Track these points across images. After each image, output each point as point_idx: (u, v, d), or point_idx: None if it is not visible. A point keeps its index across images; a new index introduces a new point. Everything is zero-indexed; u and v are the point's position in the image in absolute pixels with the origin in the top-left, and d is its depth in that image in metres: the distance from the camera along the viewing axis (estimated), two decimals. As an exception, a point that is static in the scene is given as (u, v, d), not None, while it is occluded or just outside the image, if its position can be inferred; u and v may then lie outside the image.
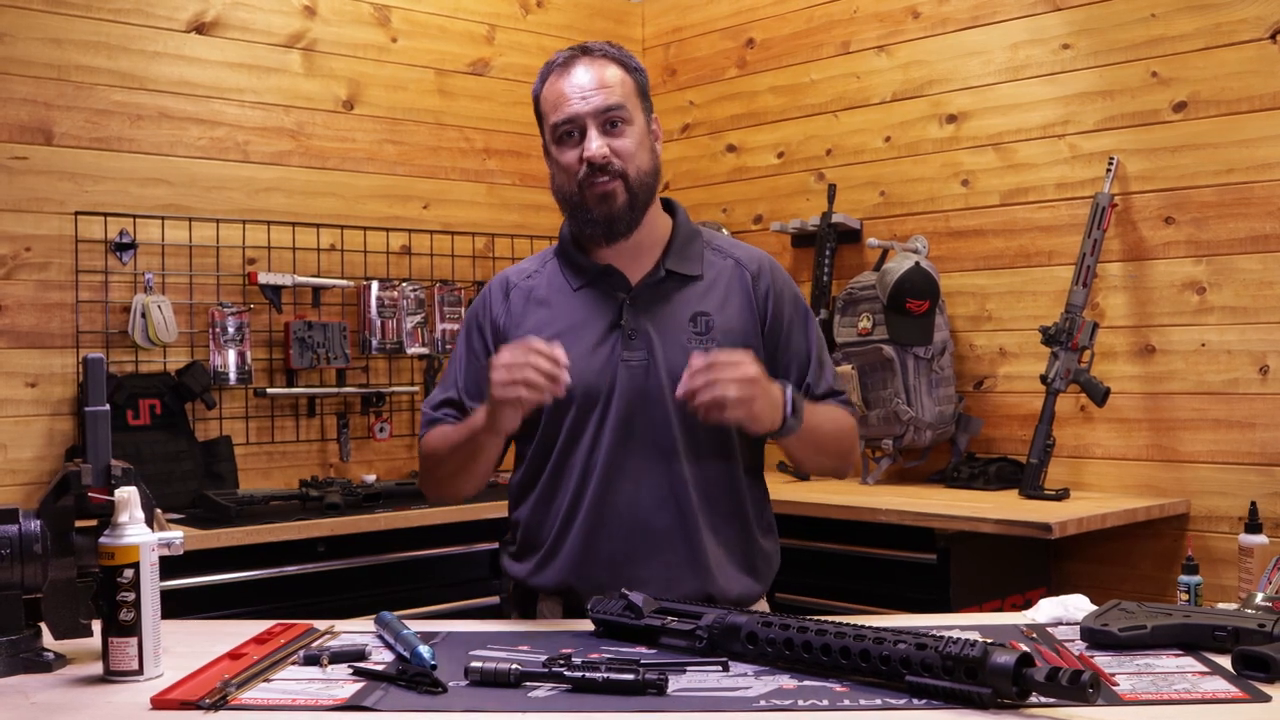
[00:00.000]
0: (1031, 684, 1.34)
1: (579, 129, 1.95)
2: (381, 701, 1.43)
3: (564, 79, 1.97)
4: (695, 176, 4.61)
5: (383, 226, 4.03)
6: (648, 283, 2.00)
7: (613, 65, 1.99)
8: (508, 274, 2.11)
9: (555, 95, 1.97)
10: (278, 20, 3.84)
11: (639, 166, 1.97)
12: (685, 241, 2.05)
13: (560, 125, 1.96)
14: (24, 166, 3.34)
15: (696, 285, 2.02)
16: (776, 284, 2.07)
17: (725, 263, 2.06)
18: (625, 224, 1.97)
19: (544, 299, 2.04)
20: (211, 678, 1.50)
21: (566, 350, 1.94)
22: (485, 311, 2.07)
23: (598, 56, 1.99)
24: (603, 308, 2.00)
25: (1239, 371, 3.26)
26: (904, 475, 3.84)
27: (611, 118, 1.95)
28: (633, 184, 1.96)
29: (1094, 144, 3.52)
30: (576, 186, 1.96)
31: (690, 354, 1.85)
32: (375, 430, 3.97)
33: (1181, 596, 2.67)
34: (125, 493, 1.56)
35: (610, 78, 1.97)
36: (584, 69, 1.97)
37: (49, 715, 1.43)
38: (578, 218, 2.00)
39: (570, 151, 1.96)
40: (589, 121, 1.94)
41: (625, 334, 1.96)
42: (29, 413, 3.33)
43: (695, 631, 1.63)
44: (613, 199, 1.95)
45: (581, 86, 1.95)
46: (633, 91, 1.99)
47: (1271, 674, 1.45)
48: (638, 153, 1.97)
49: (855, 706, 1.39)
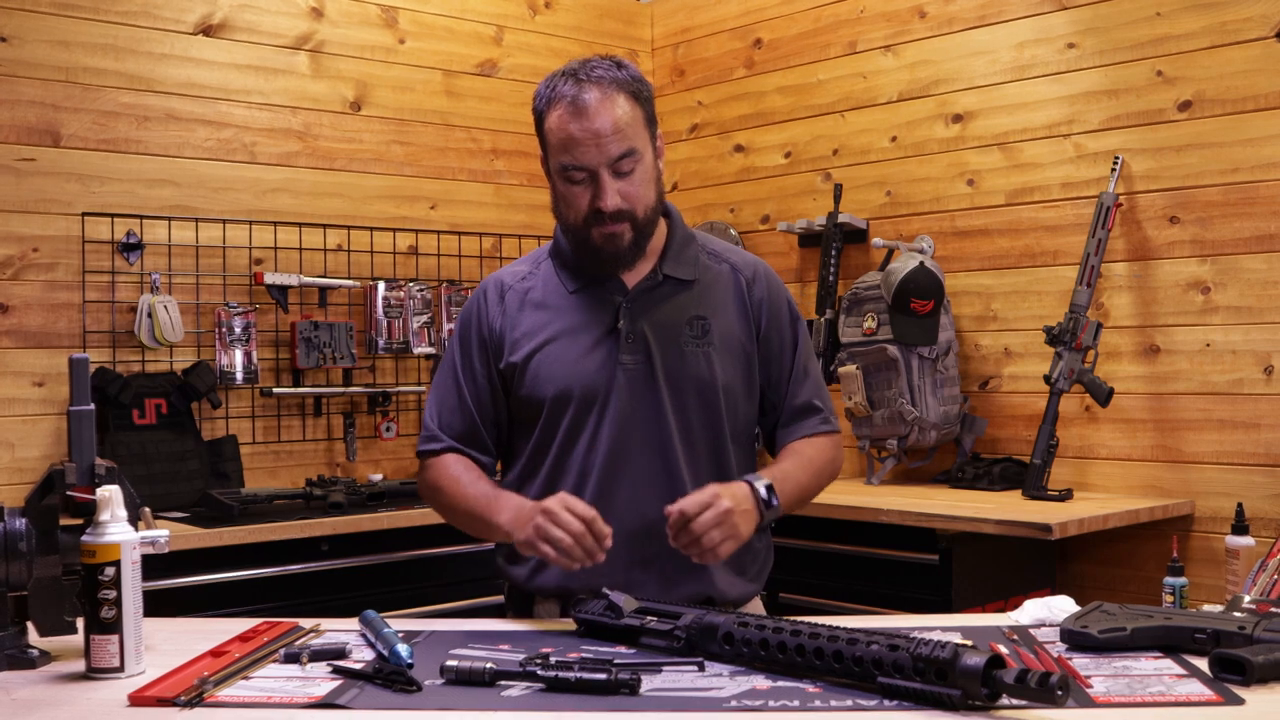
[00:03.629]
0: (1001, 686, 1.33)
1: (591, 174, 1.91)
2: (356, 700, 1.44)
3: (576, 120, 1.88)
4: (703, 176, 4.61)
5: (389, 227, 4.05)
6: (644, 287, 2.00)
7: (623, 97, 1.91)
8: (501, 276, 2.10)
9: (565, 136, 1.90)
10: (285, 22, 3.86)
11: (646, 205, 1.95)
12: (681, 246, 2.05)
13: (571, 169, 1.91)
14: (31, 168, 3.38)
15: (692, 289, 2.03)
16: (770, 291, 2.07)
17: (721, 268, 2.07)
18: (629, 259, 1.98)
19: (540, 301, 2.03)
20: (190, 675, 1.51)
21: (565, 353, 1.96)
22: (481, 318, 2.05)
23: (608, 88, 1.89)
24: (600, 311, 2.00)
25: (1244, 372, 3.24)
26: (908, 475, 3.83)
27: (624, 166, 1.91)
28: (640, 223, 1.95)
29: (1099, 143, 3.51)
30: (583, 223, 1.94)
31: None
32: (381, 430, 3.99)
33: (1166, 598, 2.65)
34: (107, 491, 1.58)
35: (622, 118, 1.89)
36: (595, 106, 1.88)
37: (29, 711, 1.44)
38: (581, 250, 1.98)
39: (579, 193, 1.92)
40: (602, 170, 1.90)
41: (623, 337, 1.97)
42: (36, 412, 3.36)
43: (674, 631, 1.63)
44: (620, 239, 1.94)
45: (596, 132, 1.87)
46: (641, 123, 1.93)
47: (1248, 677, 1.44)
48: (645, 191, 1.94)
49: (826, 707, 1.39)
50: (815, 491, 2.06)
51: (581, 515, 1.78)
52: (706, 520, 1.80)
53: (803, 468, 2.01)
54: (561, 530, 1.77)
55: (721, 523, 1.80)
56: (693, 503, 1.81)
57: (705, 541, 1.80)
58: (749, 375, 2.03)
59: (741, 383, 2.01)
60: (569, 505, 1.80)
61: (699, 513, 1.80)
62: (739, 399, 2.00)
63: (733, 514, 1.82)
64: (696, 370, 1.96)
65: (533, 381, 1.98)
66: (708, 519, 1.80)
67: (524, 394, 1.99)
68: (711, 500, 1.81)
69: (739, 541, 1.84)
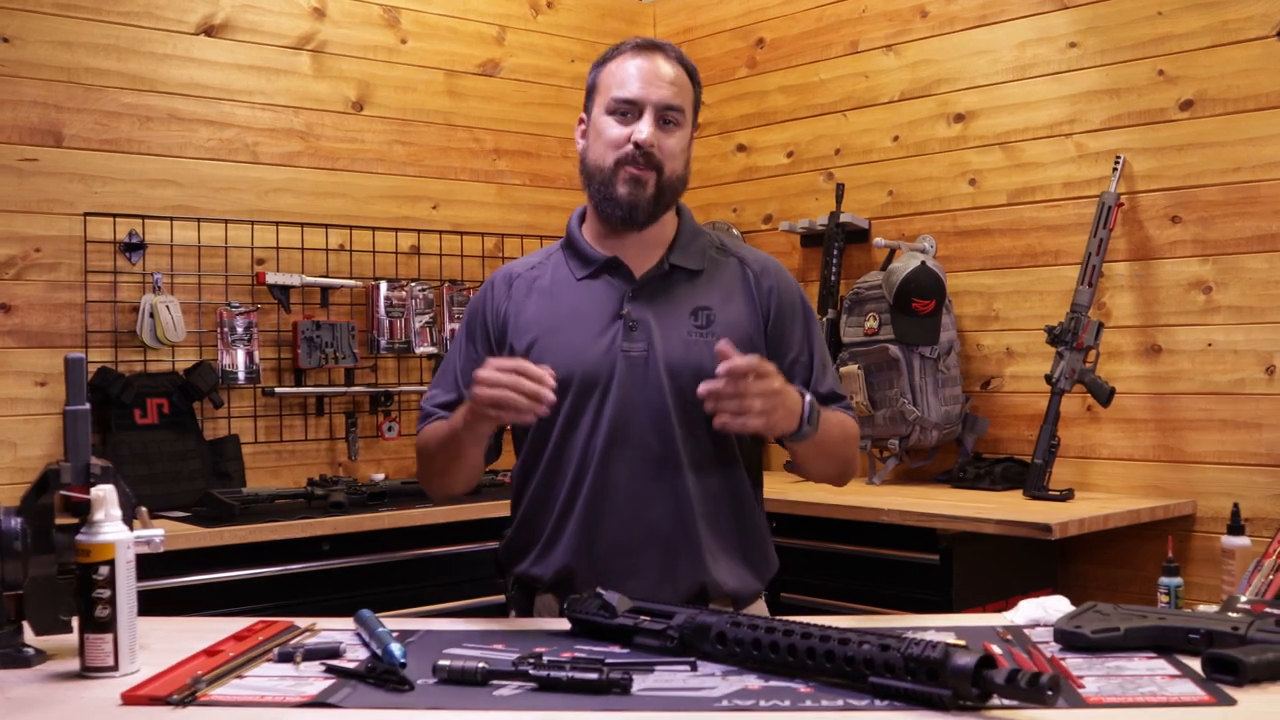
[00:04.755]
0: (991, 686, 1.33)
1: (637, 111, 1.97)
2: (347, 699, 1.45)
3: (639, 60, 1.99)
4: (706, 176, 4.61)
5: (392, 227, 4.05)
6: (651, 276, 2.02)
7: (683, 71, 2.02)
8: (511, 266, 2.14)
9: (624, 73, 1.99)
10: (287, 22, 3.87)
11: (674, 169, 2.00)
12: (690, 238, 2.07)
13: (621, 100, 1.98)
14: (34, 168, 3.39)
15: (699, 280, 2.04)
16: (780, 284, 2.08)
17: (729, 260, 2.08)
18: (646, 214, 1.99)
19: (547, 289, 2.06)
20: (183, 674, 1.51)
21: (568, 339, 1.97)
22: (488, 303, 2.09)
23: (672, 56, 2.02)
24: (606, 299, 2.01)
25: (1245, 371, 3.24)
26: (910, 475, 3.82)
27: (670, 115, 1.98)
28: (664, 181, 1.98)
29: (1100, 143, 3.50)
30: (613, 163, 1.98)
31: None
32: (384, 429, 4.00)
33: (1161, 598, 2.65)
34: (101, 491, 1.58)
35: (679, 79, 2.00)
36: (662, 61, 2.00)
37: (22, 710, 1.45)
38: (601, 193, 2.00)
39: (621, 128, 1.98)
40: (649, 109, 1.97)
41: (627, 325, 1.98)
42: (38, 411, 3.37)
43: (667, 631, 1.63)
44: (643, 187, 1.97)
45: (655, 74, 1.98)
46: (690, 102, 2.03)
47: (1240, 677, 1.44)
48: (679, 155, 2.01)
49: (817, 707, 1.39)
50: (836, 457, 2.04)
51: (506, 367, 1.78)
52: (758, 385, 1.77)
53: (837, 425, 2.01)
54: (495, 389, 1.77)
55: (768, 394, 1.78)
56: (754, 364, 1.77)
57: (745, 404, 1.76)
58: None
59: None
60: (494, 364, 1.80)
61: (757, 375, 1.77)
62: None
63: (780, 396, 1.81)
64: (698, 359, 1.94)
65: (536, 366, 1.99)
66: (760, 385, 1.77)
67: None
68: (770, 371, 1.80)
69: (766, 424, 1.81)
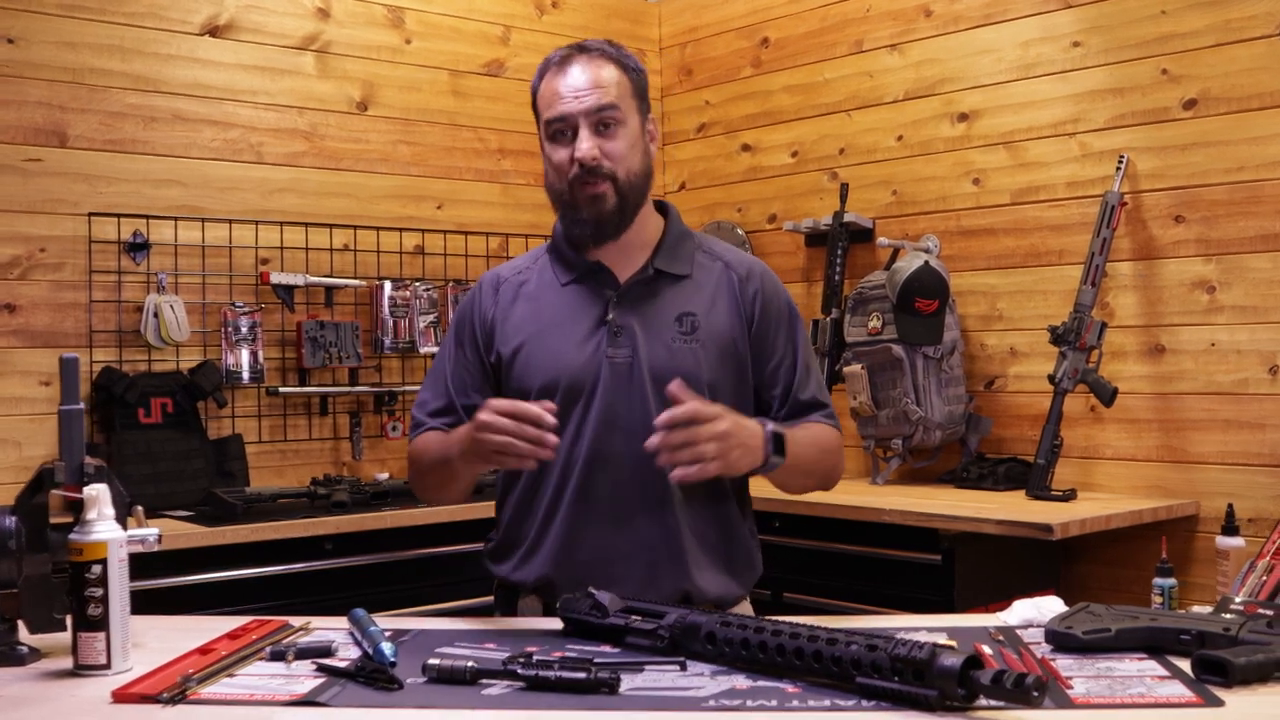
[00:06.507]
0: (977, 686, 1.33)
1: (571, 128, 1.95)
2: (336, 697, 1.45)
3: (560, 77, 1.97)
4: (711, 176, 4.61)
5: (396, 226, 4.06)
6: (636, 281, 2.01)
7: (610, 65, 1.98)
8: (499, 271, 2.14)
9: (550, 93, 1.97)
10: (291, 22, 3.88)
11: (629, 169, 1.97)
12: (675, 242, 2.06)
13: (553, 123, 1.97)
14: (39, 169, 3.40)
15: (684, 285, 2.03)
16: (766, 289, 2.06)
17: (715, 265, 2.07)
18: (614, 226, 1.98)
19: (533, 294, 2.06)
20: (174, 673, 1.52)
21: (553, 345, 1.97)
22: (475, 307, 2.09)
23: (595, 55, 1.98)
24: (590, 304, 2.01)
25: (1249, 371, 3.22)
26: (914, 475, 3.82)
27: (604, 119, 1.95)
28: (622, 186, 1.96)
29: (1104, 142, 3.49)
30: (567, 186, 1.97)
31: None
32: (388, 429, 4.00)
33: (1155, 599, 2.64)
34: (95, 490, 1.59)
35: (606, 78, 1.96)
36: (580, 68, 1.96)
37: (14, 707, 1.46)
38: (568, 217, 2.01)
39: (562, 150, 1.97)
40: (581, 121, 1.94)
41: (611, 330, 1.97)
42: (43, 411, 3.38)
43: (657, 631, 1.64)
44: (602, 201, 1.96)
45: (576, 86, 1.95)
46: (628, 92, 1.99)
47: (1229, 679, 1.43)
48: (629, 155, 1.97)
49: (804, 707, 1.39)
50: (814, 473, 2.02)
51: (508, 412, 1.77)
52: (704, 431, 1.75)
53: (810, 442, 1.98)
54: (499, 435, 1.76)
55: (717, 438, 1.76)
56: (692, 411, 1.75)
57: (697, 451, 1.74)
58: (739, 373, 2.02)
59: (730, 380, 2.00)
60: (494, 408, 1.79)
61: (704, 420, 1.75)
62: (726, 397, 1.96)
63: (732, 438, 1.78)
64: (683, 366, 1.94)
65: (521, 372, 1.99)
66: (707, 430, 1.75)
67: (513, 384, 2.00)
68: (716, 415, 1.77)
69: (728, 467, 1.79)
